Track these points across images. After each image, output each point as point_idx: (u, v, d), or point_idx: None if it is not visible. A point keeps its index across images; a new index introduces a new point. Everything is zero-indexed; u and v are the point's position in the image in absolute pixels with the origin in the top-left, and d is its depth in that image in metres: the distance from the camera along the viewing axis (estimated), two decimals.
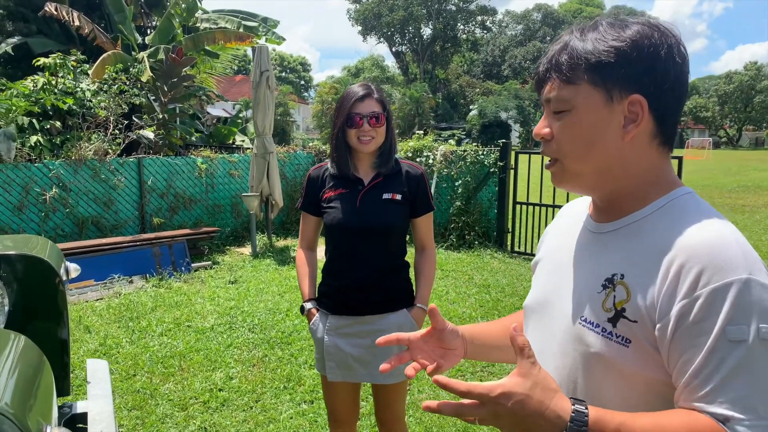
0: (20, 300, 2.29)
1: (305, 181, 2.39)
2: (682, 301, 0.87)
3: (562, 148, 1.02)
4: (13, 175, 6.87)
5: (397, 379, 2.28)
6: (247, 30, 12.57)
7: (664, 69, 0.95)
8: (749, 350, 0.82)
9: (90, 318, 5.47)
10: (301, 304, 2.38)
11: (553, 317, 1.08)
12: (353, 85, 2.29)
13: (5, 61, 12.27)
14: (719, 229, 0.90)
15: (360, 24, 56.63)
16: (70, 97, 8.29)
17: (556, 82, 1.01)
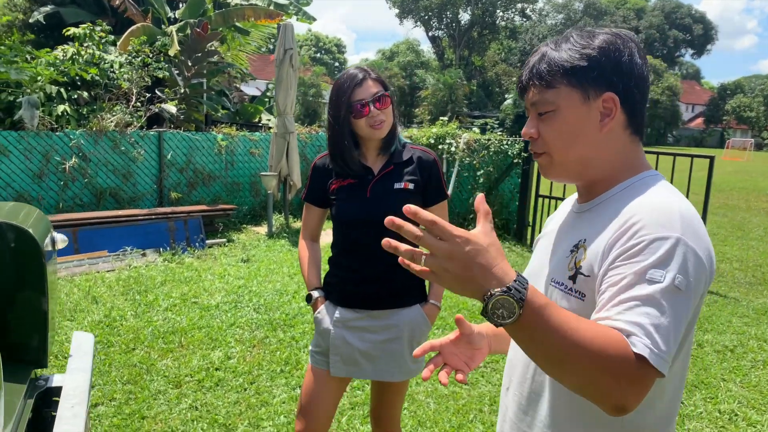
0: (3, 269, 2.24)
1: (310, 171, 2.28)
2: (623, 246, 1.01)
3: (549, 143, 1.18)
4: (34, 142, 6.93)
5: (403, 376, 2.20)
6: (277, 8, 12.48)
7: (628, 69, 1.13)
8: (661, 290, 0.95)
9: (99, 289, 5.50)
10: (308, 293, 2.28)
11: (537, 285, 1.23)
12: (345, 71, 2.13)
13: (38, 29, 12.40)
14: (668, 197, 1.07)
15: (398, 7, 56.11)
16: (94, 68, 8.31)
17: (537, 88, 1.17)
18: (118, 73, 8.58)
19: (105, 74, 8.43)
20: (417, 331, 2.18)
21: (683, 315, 0.97)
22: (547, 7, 63.99)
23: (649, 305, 0.95)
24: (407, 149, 2.20)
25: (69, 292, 5.36)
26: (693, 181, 6.50)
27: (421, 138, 8.85)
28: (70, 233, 6.33)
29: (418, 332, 2.19)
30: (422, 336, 2.21)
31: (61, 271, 5.90)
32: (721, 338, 4.89)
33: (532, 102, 1.19)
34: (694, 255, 0.99)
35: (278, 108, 8.03)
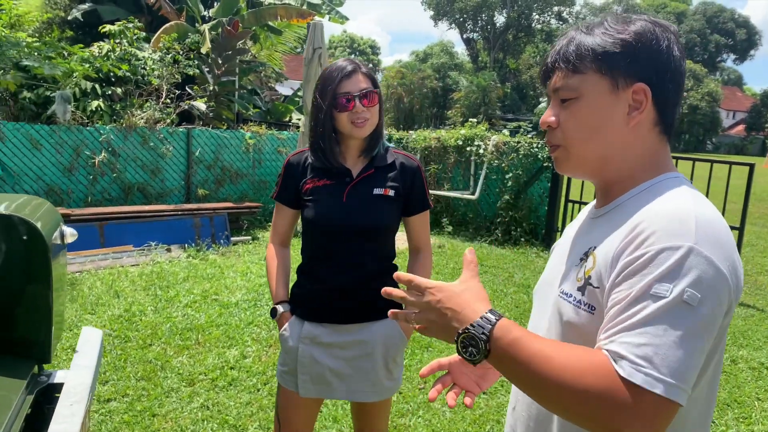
0: (5, 261, 2.21)
1: (283, 167, 2.11)
2: (629, 256, 0.92)
3: (569, 134, 1.08)
4: (65, 137, 7.03)
5: (377, 396, 2.03)
6: (310, 7, 12.48)
7: (665, 60, 1.02)
8: (666, 306, 0.85)
9: (121, 283, 5.53)
10: (272, 307, 2.10)
11: (547, 298, 1.17)
12: (336, 61, 1.97)
13: (77, 26, 12.65)
14: (684, 201, 0.95)
15: (432, 9, 55.91)
16: (126, 64, 8.41)
17: (563, 72, 1.07)
18: (148, 70, 8.66)
19: (136, 71, 8.52)
20: (392, 347, 2.02)
21: (697, 333, 0.85)
22: (585, 10, 63.03)
23: (650, 324, 0.85)
24: (390, 153, 2.05)
25: (92, 285, 5.39)
26: (732, 189, 6.25)
27: (449, 140, 8.72)
28: (96, 227, 6.39)
29: (393, 348, 2.02)
30: (397, 352, 2.05)
31: (86, 264, 5.96)
32: (756, 354, 4.65)
33: (555, 88, 1.08)
34: (710, 265, 0.87)
35: (306, 107, 7.99)
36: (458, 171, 8.83)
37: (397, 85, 33.39)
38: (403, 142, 9.36)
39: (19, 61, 7.43)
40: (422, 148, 8.95)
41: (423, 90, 33.76)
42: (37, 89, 7.77)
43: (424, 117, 33.61)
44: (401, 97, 33.27)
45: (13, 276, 2.23)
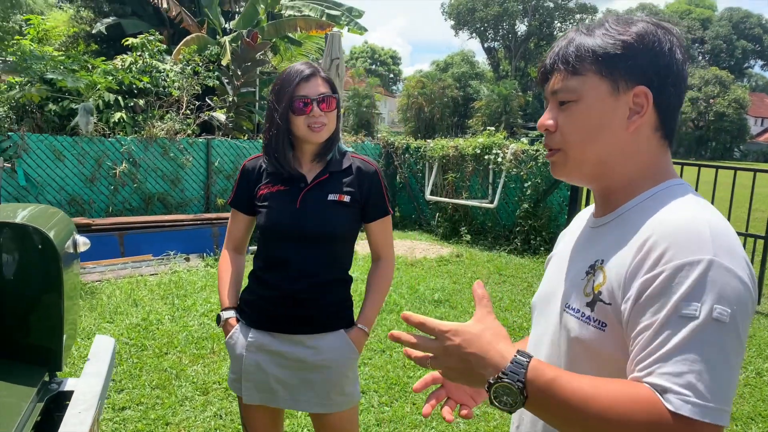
0: (18, 270, 2.25)
1: (239, 172, 2.06)
2: (645, 275, 0.87)
3: (567, 137, 1.04)
4: (87, 147, 7.16)
5: (326, 409, 1.96)
6: (329, 18, 12.59)
7: (667, 63, 0.99)
8: (698, 327, 0.81)
9: (140, 292, 5.58)
10: (218, 313, 2.04)
11: (550, 310, 1.12)
12: (294, 64, 1.93)
13: (101, 40, 12.92)
14: (694, 211, 0.92)
15: (453, 18, 56.01)
16: (147, 76, 8.56)
17: (562, 74, 1.04)
18: (169, 81, 8.80)
19: (157, 82, 8.66)
20: (342, 361, 1.95)
21: (733, 350, 0.82)
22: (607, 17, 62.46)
23: (686, 350, 0.81)
24: (347, 158, 1.99)
25: (111, 294, 5.46)
26: (756, 197, 6.11)
27: (466, 148, 8.69)
28: (116, 237, 6.48)
29: (343, 361, 1.95)
30: (348, 365, 1.97)
31: (106, 273, 6.03)
32: None
33: (554, 90, 1.05)
34: (733, 277, 0.84)
35: None
36: (476, 179, 8.78)
37: (418, 94, 33.42)
38: (420, 151, 9.34)
39: (43, 74, 7.60)
40: (440, 157, 8.92)
41: (444, 99, 33.74)
42: (62, 101, 7.95)
43: (444, 126, 33.58)
44: (422, 107, 33.30)
45: (25, 284, 2.26)
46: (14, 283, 2.24)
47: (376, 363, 4.19)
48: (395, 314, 5.25)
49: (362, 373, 4.01)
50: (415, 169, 9.59)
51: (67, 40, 12.43)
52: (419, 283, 6.23)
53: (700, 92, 40.16)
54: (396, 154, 9.76)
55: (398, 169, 9.73)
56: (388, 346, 4.49)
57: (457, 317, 5.23)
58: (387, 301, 5.54)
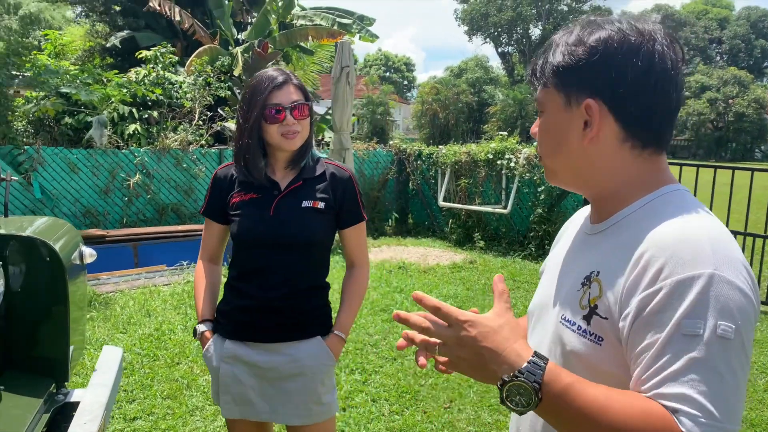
0: (25, 282, 2.27)
1: (211, 181, 2.03)
2: (644, 292, 0.85)
3: (539, 146, 1.08)
4: (101, 160, 7.25)
5: (305, 420, 1.93)
6: (341, 27, 12.65)
7: (619, 74, 0.94)
8: (704, 346, 0.79)
9: (153, 302, 5.61)
10: (194, 326, 2.02)
11: (546, 319, 1.09)
12: (265, 71, 1.90)
13: (115, 53, 13.10)
14: (693, 222, 0.89)
15: (466, 24, 55.99)
16: (159, 88, 8.65)
17: (537, 85, 1.05)
18: (181, 93, 8.89)
19: (168, 94, 8.75)
20: (319, 368, 1.92)
21: (739, 366, 0.81)
22: None
23: (694, 369, 0.79)
24: (320, 164, 1.97)
25: (125, 304, 5.50)
26: None
27: (479, 153, 8.65)
28: (130, 247, 6.54)
29: (319, 368, 1.92)
30: (324, 372, 1.94)
31: (120, 284, 6.09)
32: None
33: (535, 98, 1.08)
34: (734, 289, 0.82)
35: (335, 125, 8.07)
36: (489, 185, 8.74)
37: (432, 101, 33.41)
38: (433, 158, 9.32)
39: (58, 88, 7.72)
40: (452, 163, 8.90)
41: (458, 105, 33.68)
42: (78, 115, 8.07)
43: (459, 132, 33.52)
44: (436, 113, 33.28)
45: (32, 296, 2.28)
46: (21, 295, 2.26)
47: (387, 371, 4.17)
48: None
49: (373, 382, 3.99)
50: (428, 175, 9.57)
51: (83, 54, 12.62)
52: (432, 291, 6.20)
53: (719, 93, 39.65)
54: (408, 160, 9.75)
55: (411, 175, 9.72)
56: (400, 355, 4.46)
57: None
58: (399, 308, 5.50)
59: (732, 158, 39.65)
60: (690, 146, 41.48)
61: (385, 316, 5.35)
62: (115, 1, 13.31)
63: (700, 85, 40.60)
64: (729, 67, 43.64)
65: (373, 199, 9.49)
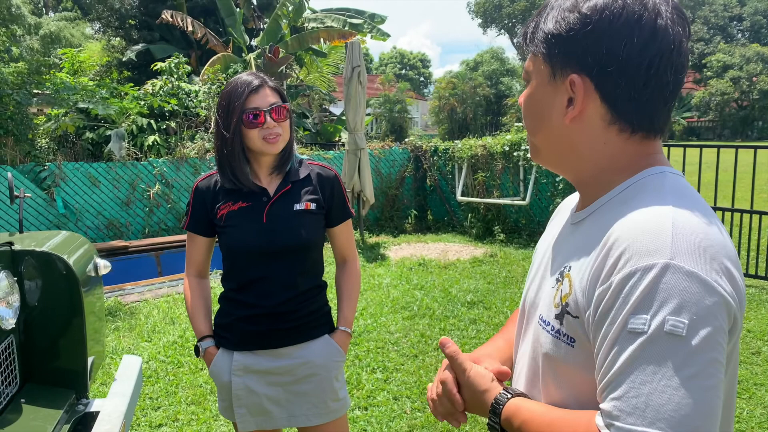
0: (41, 296, 2.32)
1: (191, 194, 1.97)
2: (600, 287, 0.80)
3: (524, 119, 1.00)
4: (121, 172, 7.37)
5: (323, 419, 1.94)
6: (352, 28, 12.67)
7: (609, 49, 0.85)
8: (647, 342, 0.72)
9: (177, 310, 5.69)
10: (195, 344, 1.98)
11: (532, 318, 1.03)
12: (239, 75, 1.89)
13: (132, 67, 13.32)
14: (661, 208, 0.80)
15: (480, 17, 55.66)
16: (174, 98, 8.77)
17: (526, 53, 0.98)
18: (196, 102, 9.00)
19: (184, 104, 8.86)
20: (331, 365, 1.94)
21: (694, 366, 0.70)
22: None
23: (633, 370, 0.72)
24: (305, 166, 1.96)
25: (149, 313, 5.58)
26: None
27: (495, 146, 8.59)
28: (153, 257, 6.64)
29: (332, 365, 1.94)
30: (337, 368, 1.96)
31: (145, 293, 6.18)
32: None
33: (524, 66, 1.00)
34: (693, 281, 0.72)
35: (348, 125, 8.08)
36: (507, 177, 8.67)
37: (449, 95, 33.27)
38: (449, 153, 9.28)
39: (76, 104, 7.87)
40: (469, 157, 8.85)
41: (475, 98, 33.49)
42: (98, 129, 8.22)
43: (478, 125, 33.32)
44: (454, 108, 33.13)
45: (48, 309, 2.32)
46: (39, 308, 2.31)
47: (409, 369, 4.16)
48: (428, 318, 5.21)
49: (395, 380, 3.99)
50: (445, 171, 9.53)
51: (101, 69, 12.85)
52: (452, 286, 6.17)
53: (742, 71, 38.72)
54: (425, 157, 9.72)
55: (428, 172, 9.70)
56: (421, 351, 4.46)
57: (491, 318, 5.16)
58: (419, 305, 5.51)
59: (759, 137, 38.75)
60: (715, 127, 40.62)
61: (406, 313, 5.35)
62: (129, 15, 13.51)
63: (722, 64, 39.71)
64: (751, 44, 42.60)
65: (391, 197, 9.48)
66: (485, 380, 1.01)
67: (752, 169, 5.88)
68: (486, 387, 0.99)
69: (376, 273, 6.80)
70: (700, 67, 41.37)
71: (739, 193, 6.08)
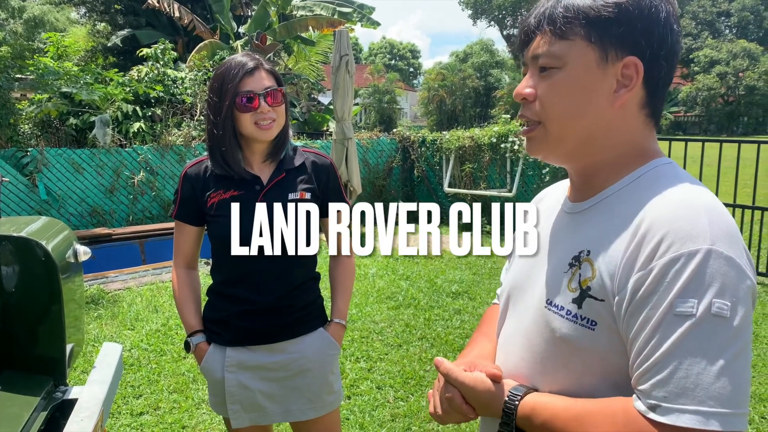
0: (18, 282, 2.28)
1: (180, 181, 1.88)
2: (639, 273, 0.80)
3: (548, 109, 0.93)
4: (105, 159, 7.29)
5: (319, 412, 1.90)
6: (341, 16, 12.59)
7: (662, 34, 0.89)
8: (695, 325, 0.75)
9: (161, 298, 5.65)
10: (185, 340, 1.90)
11: (525, 303, 1.04)
12: (234, 56, 1.79)
13: (117, 52, 13.14)
14: (689, 195, 0.83)
15: (470, 8, 55.50)
16: (159, 85, 8.68)
17: (547, 37, 0.92)
18: (182, 89, 8.90)
19: (169, 91, 8.77)
20: (326, 358, 1.90)
21: (738, 345, 0.75)
22: None
23: (682, 352, 0.75)
24: (299, 154, 1.88)
25: (132, 301, 5.54)
26: None
27: (483, 138, 8.59)
28: (137, 245, 6.58)
29: (327, 359, 1.90)
30: (332, 361, 1.92)
31: (128, 281, 6.13)
32: None
33: (535, 54, 0.94)
34: (732, 266, 0.77)
35: (336, 115, 8.04)
36: (494, 169, 8.69)
37: (438, 87, 33.21)
38: (437, 144, 9.28)
39: (59, 89, 7.76)
40: (456, 148, 8.85)
41: (465, 90, 33.46)
42: (83, 115, 8.11)
43: (467, 117, 33.33)
44: (443, 99, 33.09)
45: (26, 295, 2.29)
46: (16, 294, 2.28)
47: (393, 358, 4.17)
48: (413, 308, 5.22)
49: (378, 369, 4.00)
50: (433, 162, 9.53)
51: (86, 54, 12.66)
52: (438, 276, 6.19)
53: (729, 66, 38.97)
54: (412, 147, 9.71)
55: (415, 163, 9.69)
56: (405, 341, 4.47)
57: (476, 308, 5.18)
58: (405, 295, 5.52)
59: (744, 132, 39.09)
60: (701, 122, 40.92)
61: (391, 303, 5.35)
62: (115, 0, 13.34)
63: (709, 59, 39.97)
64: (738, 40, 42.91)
65: (378, 187, 9.47)
66: (485, 384, 1.00)
67: (736, 163, 5.93)
68: (491, 394, 0.97)
69: (362, 263, 6.80)
70: (688, 62, 41.60)
71: (723, 188, 6.14)
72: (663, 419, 0.75)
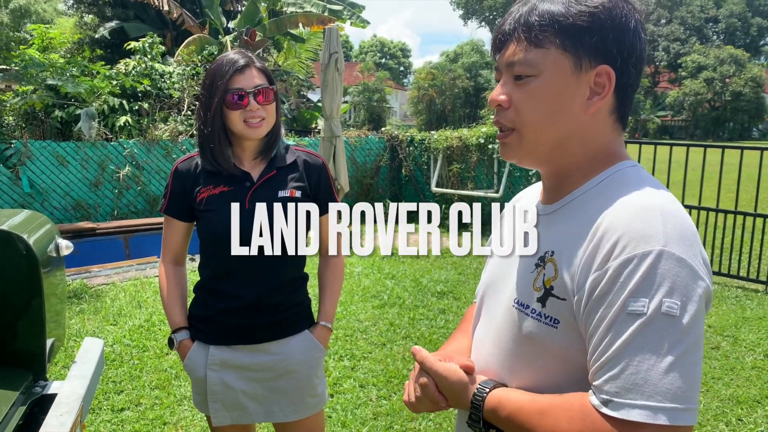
0: None
1: (170, 176, 1.88)
2: (595, 273, 0.84)
3: (523, 117, 0.95)
4: (90, 152, 7.22)
5: (301, 414, 1.88)
6: (331, 14, 12.55)
7: (631, 42, 0.92)
8: (646, 323, 0.78)
9: (144, 294, 5.62)
10: (169, 336, 1.89)
11: (497, 302, 1.07)
12: (226, 54, 1.79)
13: (105, 45, 13.02)
14: (646, 198, 0.86)
15: (461, 8, 55.67)
16: (147, 79, 8.61)
17: (522, 44, 0.94)
18: (169, 83, 8.84)
19: (156, 85, 8.70)
20: (311, 361, 1.88)
21: (687, 343, 0.78)
22: None
23: (633, 349, 0.78)
24: (291, 152, 1.87)
25: (115, 297, 5.50)
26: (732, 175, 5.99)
27: (470, 138, 8.62)
28: (121, 239, 6.53)
29: (311, 361, 1.88)
30: (317, 364, 1.90)
31: (112, 276, 6.09)
32: None
33: (510, 62, 0.95)
34: (684, 266, 0.80)
35: (324, 112, 8.02)
36: (481, 170, 8.72)
37: (428, 86, 33.24)
38: (425, 143, 9.29)
39: (45, 81, 7.68)
40: (444, 148, 8.87)
41: (454, 90, 33.52)
42: (68, 108, 8.03)
43: (457, 117, 33.41)
44: (433, 99, 33.13)
45: (6, 289, 2.27)
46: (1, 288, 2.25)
47: (376, 357, 4.18)
48: (397, 307, 5.23)
49: (361, 368, 4.00)
50: (420, 161, 9.54)
51: (72, 46, 12.53)
52: (423, 276, 6.21)
53: (716, 72, 39.43)
54: (401, 147, 9.72)
55: (403, 162, 9.70)
56: (389, 340, 4.47)
57: (460, 308, 5.20)
58: (390, 294, 5.53)
59: (730, 137, 39.55)
60: (687, 127, 41.36)
61: (376, 302, 5.36)
62: None
63: (696, 64, 40.40)
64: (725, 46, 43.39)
65: (366, 186, 9.47)
66: (458, 375, 1.02)
67: (719, 168, 6.00)
68: (462, 385, 1.00)
69: (348, 261, 6.80)
70: (675, 67, 42.01)
71: (707, 192, 6.21)
72: (614, 414, 0.77)
